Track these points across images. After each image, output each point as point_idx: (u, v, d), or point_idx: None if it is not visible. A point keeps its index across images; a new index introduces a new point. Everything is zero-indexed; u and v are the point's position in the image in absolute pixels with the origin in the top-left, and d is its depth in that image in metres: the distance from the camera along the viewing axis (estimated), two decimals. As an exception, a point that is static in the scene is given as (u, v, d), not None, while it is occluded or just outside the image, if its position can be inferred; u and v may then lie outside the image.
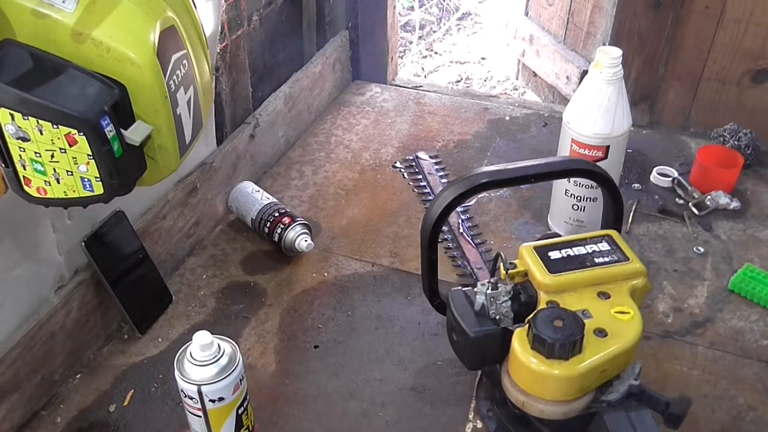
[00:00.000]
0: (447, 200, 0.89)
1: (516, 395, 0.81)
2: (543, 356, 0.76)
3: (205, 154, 1.23)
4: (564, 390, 0.77)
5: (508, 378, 0.82)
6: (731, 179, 1.31)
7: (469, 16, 2.87)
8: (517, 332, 0.80)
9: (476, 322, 0.83)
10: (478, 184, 0.89)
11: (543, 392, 0.78)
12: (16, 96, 0.66)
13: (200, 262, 1.19)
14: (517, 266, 0.87)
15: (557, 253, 0.87)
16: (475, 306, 0.84)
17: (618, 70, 1.09)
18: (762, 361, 1.02)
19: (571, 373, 0.76)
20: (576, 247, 0.88)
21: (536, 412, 0.80)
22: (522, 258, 0.88)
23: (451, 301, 0.86)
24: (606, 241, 0.90)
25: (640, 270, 0.86)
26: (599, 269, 0.85)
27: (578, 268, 0.85)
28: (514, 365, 0.80)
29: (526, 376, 0.79)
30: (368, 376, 1.00)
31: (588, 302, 0.82)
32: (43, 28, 0.67)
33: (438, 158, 1.43)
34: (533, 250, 0.87)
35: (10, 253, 0.89)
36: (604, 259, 0.87)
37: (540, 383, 0.78)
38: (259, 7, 1.32)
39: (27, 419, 0.93)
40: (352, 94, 1.68)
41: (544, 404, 0.79)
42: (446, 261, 1.19)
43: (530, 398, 0.79)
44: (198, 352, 0.81)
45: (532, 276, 0.85)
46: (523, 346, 0.78)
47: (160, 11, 0.71)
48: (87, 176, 0.71)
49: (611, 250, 0.88)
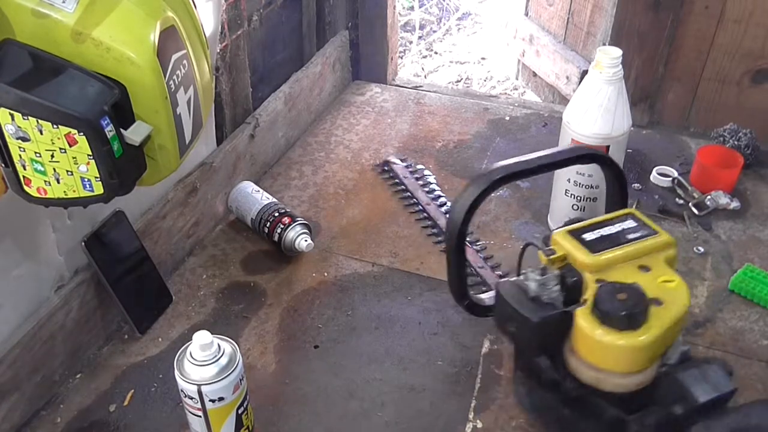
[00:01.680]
0: (469, 200, 0.90)
1: (588, 373, 0.81)
2: (614, 330, 0.78)
3: (205, 154, 1.23)
4: (638, 360, 0.79)
5: (575, 359, 0.83)
6: (731, 179, 1.31)
7: (469, 16, 2.88)
8: (579, 312, 0.81)
9: (535, 308, 0.84)
10: (496, 179, 0.91)
11: (617, 365, 0.80)
12: (16, 96, 0.66)
13: (200, 262, 1.19)
14: (556, 252, 0.87)
15: (591, 234, 0.89)
16: (530, 293, 0.85)
17: (618, 70, 1.09)
18: (762, 361, 1.02)
19: (645, 341, 0.78)
20: (606, 227, 0.90)
21: (611, 386, 0.81)
22: (558, 243, 0.89)
23: (502, 294, 0.87)
24: (630, 218, 0.92)
25: (670, 241, 0.89)
26: (635, 244, 0.88)
27: (616, 246, 0.87)
28: (583, 344, 0.81)
29: (599, 352, 0.80)
30: (368, 376, 1.00)
31: (633, 276, 0.84)
32: (43, 28, 0.67)
33: (407, 161, 1.43)
34: (568, 234, 0.89)
35: (10, 253, 0.89)
36: (636, 235, 0.89)
37: (614, 357, 0.79)
38: (259, 7, 1.32)
39: (27, 419, 0.93)
40: (352, 94, 1.68)
41: (620, 377, 0.80)
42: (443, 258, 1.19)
43: (604, 373, 0.80)
44: (198, 352, 0.81)
45: (573, 258, 0.87)
46: (591, 324, 0.79)
47: (160, 11, 0.71)
48: (87, 176, 0.71)
49: (638, 226, 0.91)
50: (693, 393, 0.77)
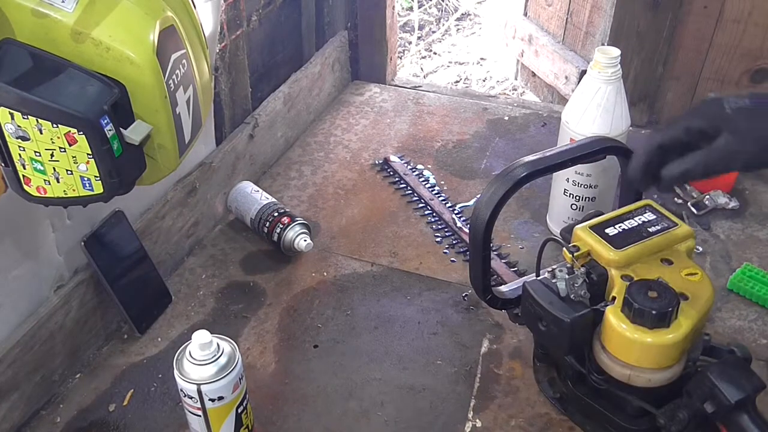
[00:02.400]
0: (495, 199, 0.90)
1: (620, 370, 0.83)
2: (646, 328, 0.79)
3: (204, 154, 1.23)
4: (669, 356, 0.81)
5: (606, 355, 0.84)
6: (730, 179, 1.31)
7: (468, 16, 2.88)
8: (610, 311, 0.82)
9: (567, 307, 0.84)
10: (522, 177, 0.90)
11: (649, 362, 0.81)
12: (16, 95, 0.66)
13: (199, 262, 1.20)
14: (580, 248, 0.88)
15: (613, 229, 0.89)
16: (561, 293, 0.85)
17: (617, 70, 1.09)
18: (761, 360, 1.02)
19: (676, 338, 0.79)
20: (626, 221, 0.90)
21: (643, 382, 0.82)
22: (581, 239, 0.89)
23: (532, 293, 0.87)
24: (648, 210, 0.92)
25: (689, 232, 0.90)
26: (657, 237, 0.88)
27: (639, 240, 0.87)
28: (615, 342, 0.82)
29: (631, 350, 0.81)
30: (368, 376, 1.00)
31: (657, 270, 0.85)
32: (42, 28, 0.67)
33: (406, 158, 1.43)
34: (590, 230, 0.89)
35: (10, 253, 0.89)
36: (657, 228, 0.90)
37: (646, 354, 0.80)
38: (259, 8, 1.32)
39: (27, 419, 0.93)
40: (351, 94, 1.68)
41: (651, 373, 0.82)
42: (444, 259, 1.20)
43: (636, 370, 0.82)
44: (197, 352, 0.81)
45: (597, 254, 0.87)
46: (623, 322, 0.80)
47: (160, 11, 0.71)
48: (87, 175, 0.71)
49: (657, 218, 0.91)
50: (725, 394, 0.77)
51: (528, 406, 0.96)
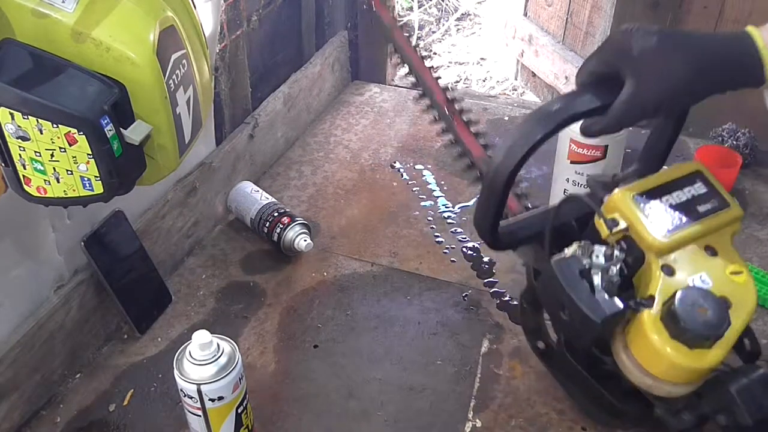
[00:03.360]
0: (529, 143, 0.75)
1: (640, 377, 0.74)
2: (686, 347, 0.70)
3: (204, 154, 1.23)
4: (703, 374, 0.73)
5: (629, 358, 0.75)
6: (730, 179, 1.31)
7: (468, 16, 2.88)
8: (648, 318, 0.72)
9: (598, 303, 0.72)
10: (563, 119, 0.75)
11: (677, 378, 0.73)
12: (16, 95, 0.66)
13: (199, 262, 1.20)
14: (619, 223, 0.75)
15: (658, 202, 0.76)
16: (595, 286, 0.73)
17: (617, 70, 1.09)
18: (761, 360, 1.02)
19: (717, 360, 0.71)
20: (675, 192, 0.77)
21: (662, 393, 0.74)
22: (621, 210, 0.76)
23: (560, 279, 0.75)
24: (700, 180, 0.79)
25: (740, 215, 0.79)
26: (705, 221, 0.76)
27: (687, 223, 0.75)
28: (645, 351, 0.73)
29: (663, 365, 0.72)
30: (368, 376, 1.00)
31: (701, 263, 0.74)
32: (43, 28, 0.67)
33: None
34: (634, 200, 0.76)
35: (10, 253, 0.89)
36: (707, 207, 0.77)
37: (677, 371, 0.72)
38: (259, 8, 1.33)
39: (27, 419, 0.93)
40: (351, 94, 1.68)
41: (674, 387, 0.73)
42: (444, 259, 1.20)
43: (659, 382, 0.73)
44: (197, 352, 0.81)
45: (638, 235, 0.74)
46: (661, 335, 0.71)
47: (160, 11, 0.71)
48: (87, 175, 0.71)
49: (709, 193, 0.78)
50: (746, 413, 0.71)
51: (528, 406, 0.96)
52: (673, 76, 0.70)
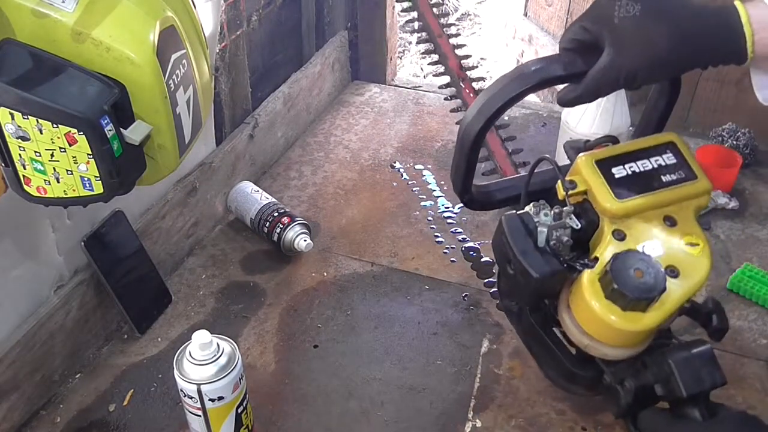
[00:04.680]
0: (502, 99, 0.75)
1: (579, 337, 0.75)
2: (620, 308, 0.70)
3: (204, 154, 1.23)
4: (636, 340, 0.73)
5: (569, 317, 0.75)
6: (730, 179, 1.31)
7: (468, 16, 2.88)
8: (587, 277, 0.72)
9: (540, 260, 0.73)
10: (543, 79, 0.75)
11: (612, 340, 0.73)
12: (16, 95, 0.66)
13: (199, 262, 1.20)
14: (577, 185, 0.75)
15: (621, 169, 0.76)
16: (539, 242, 0.74)
17: (617, 70, 1.09)
18: (761, 360, 1.02)
19: (649, 326, 0.71)
20: (640, 161, 0.77)
21: (600, 354, 0.75)
22: (581, 174, 0.76)
23: (506, 233, 0.75)
24: (670, 151, 0.79)
25: (707, 188, 0.78)
26: (667, 191, 0.76)
27: (645, 191, 0.75)
28: (582, 310, 0.73)
29: (597, 325, 0.72)
30: (367, 376, 1.00)
31: (656, 231, 0.74)
32: (43, 28, 0.68)
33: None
34: (596, 165, 0.76)
35: (10, 253, 0.89)
36: (671, 177, 0.77)
37: (612, 333, 0.72)
38: (259, 8, 1.33)
39: (27, 419, 0.93)
40: (351, 94, 1.68)
41: (610, 349, 0.73)
42: (444, 259, 1.20)
43: (595, 342, 0.74)
44: (197, 352, 0.81)
45: (594, 199, 0.75)
46: (596, 295, 0.71)
47: (160, 11, 0.71)
48: (87, 175, 0.71)
49: (677, 164, 0.78)
50: (681, 385, 0.71)
51: (528, 406, 0.96)
52: (653, 46, 0.68)
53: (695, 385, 0.71)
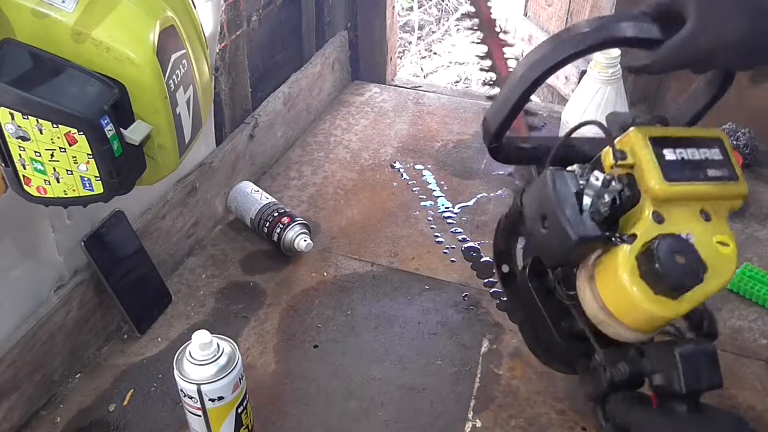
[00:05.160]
0: (558, 57, 0.74)
1: (596, 312, 0.72)
2: (651, 290, 0.68)
3: (204, 154, 1.23)
4: (656, 325, 0.71)
5: (590, 288, 0.72)
6: (730, 179, 1.31)
7: (468, 16, 2.88)
8: (623, 251, 0.69)
9: (580, 222, 0.70)
10: (601, 40, 0.73)
11: (632, 321, 0.71)
12: (16, 95, 0.66)
13: (199, 262, 1.20)
14: (627, 156, 0.72)
15: (672, 152, 0.73)
16: (584, 205, 0.71)
17: (616, 70, 1.10)
18: (761, 360, 1.02)
19: (675, 314, 0.69)
20: (690, 149, 0.74)
21: (612, 333, 0.72)
22: (633, 148, 0.72)
23: (551, 186, 0.72)
24: (718, 147, 0.77)
25: (745, 193, 0.77)
26: (711, 185, 0.73)
27: (692, 179, 0.72)
28: (610, 285, 0.71)
29: (622, 303, 0.70)
30: (368, 376, 1.00)
31: (693, 222, 0.72)
32: (43, 28, 0.68)
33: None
34: (650, 141, 0.72)
35: (10, 253, 0.89)
36: (717, 173, 0.75)
37: (636, 314, 0.70)
38: (259, 8, 1.33)
39: (27, 419, 0.93)
40: (351, 94, 1.68)
41: (625, 329, 0.71)
42: (444, 259, 1.20)
43: (612, 319, 0.71)
44: (197, 352, 0.81)
45: (641, 175, 0.71)
46: (631, 273, 0.68)
47: (160, 11, 0.71)
48: (87, 175, 0.71)
49: (723, 161, 0.76)
50: (681, 380, 0.70)
51: (528, 406, 0.96)
52: (739, 27, 0.63)
53: (694, 382, 0.70)
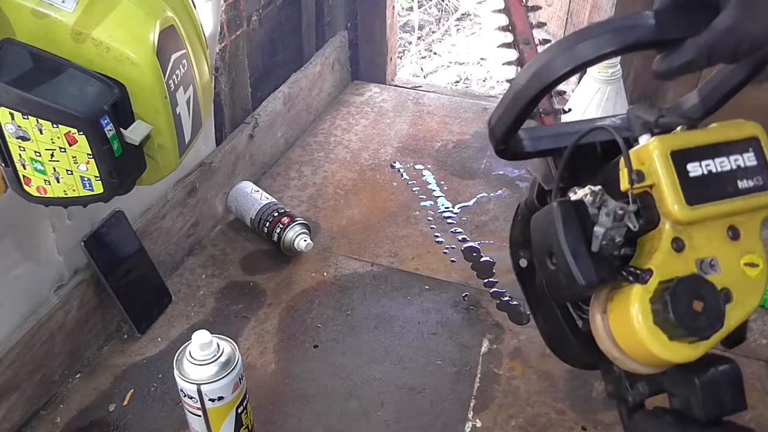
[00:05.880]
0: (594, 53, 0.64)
1: (609, 348, 0.67)
2: (666, 337, 0.63)
3: (204, 154, 1.23)
4: (672, 364, 0.66)
5: (603, 325, 0.67)
6: (730, 179, 1.31)
7: (468, 16, 2.88)
8: (637, 293, 0.64)
9: (591, 265, 0.64)
10: (633, 42, 0.64)
11: (647, 361, 0.66)
12: (16, 95, 0.66)
13: (199, 262, 1.20)
14: (645, 177, 0.65)
15: (697, 166, 0.66)
16: (593, 246, 0.65)
17: (616, 70, 1.10)
18: (761, 360, 1.02)
19: (693, 358, 0.64)
20: (719, 158, 0.67)
21: (628, 368, 0.68)
22: (651, 164, 0.66)
23: (557, 222, 0.66)
24: (752, 149, 0.68)
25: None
26: (741, 200, 0.66)
27: (719, 197, 0.66)
28: (623, 328, 0.66)
29: (635, 346, 0.65)
30: (368, 376, 1.00)
31: (718, 244, 0.66)
32: (42, 28, 0.67)
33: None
34: (670, 159, 0.66)
35: (10, 253, 0.89)
36: (748, 184, 0.67)
37: (650, 357, 0.65)
38: (259, 8, 1.32)
39: (27, 419, 0.93)
40: (351, 94, 1.68)
41: (639, 366, 0.67)
42: (444, 259, 1.20)
43: (627, 358, 0.67)
44: (197, 352, 0.81)
45: (661, 198, 0.65)
46: (644, 317, 0.63)
47: (160, 11, 0.71)
48: (87, 175, 0.71)
49: (757, 167, 0.68)
50: (702, 408, 0.66)
51: (528, 406, 0.96)
52: None
53: (716, 409, 0.66)
